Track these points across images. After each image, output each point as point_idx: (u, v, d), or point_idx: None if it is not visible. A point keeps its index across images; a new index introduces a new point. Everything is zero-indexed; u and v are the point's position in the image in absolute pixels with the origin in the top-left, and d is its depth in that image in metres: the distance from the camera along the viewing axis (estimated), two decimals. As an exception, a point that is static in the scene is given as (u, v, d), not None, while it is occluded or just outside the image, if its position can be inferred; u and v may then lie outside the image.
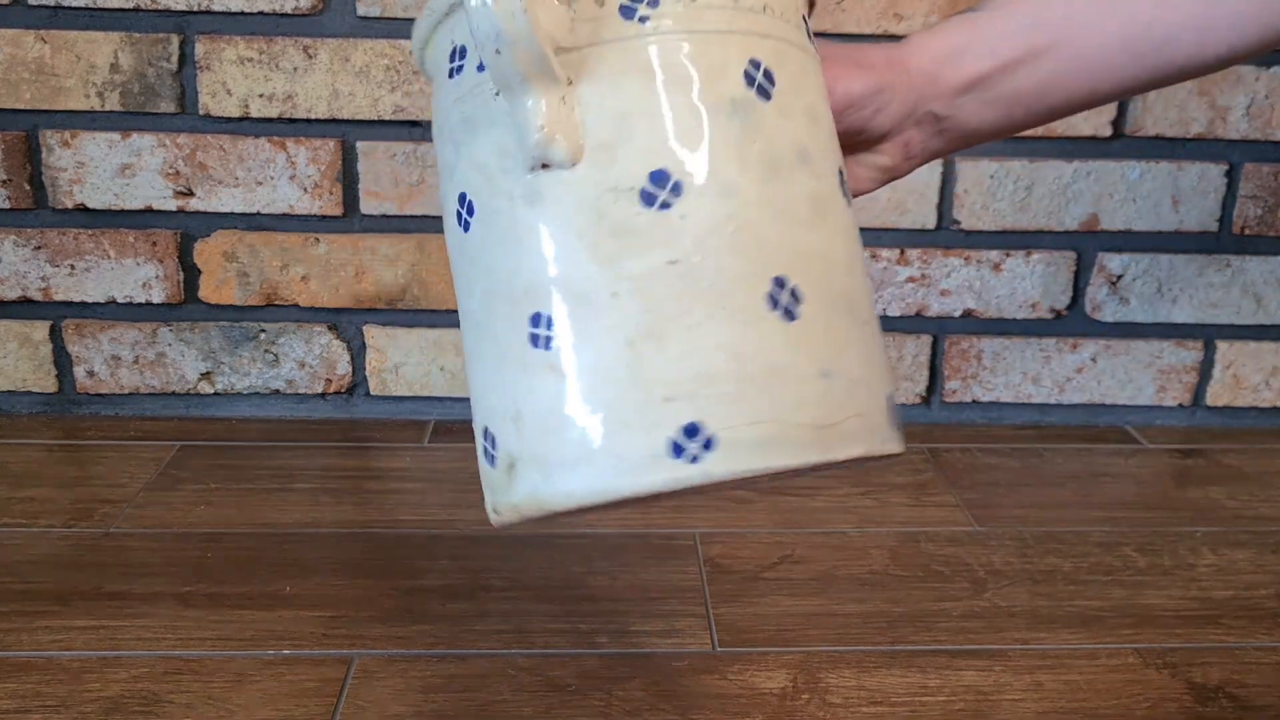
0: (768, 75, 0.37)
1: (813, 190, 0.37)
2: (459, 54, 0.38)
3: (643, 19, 0.36)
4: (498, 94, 0.36)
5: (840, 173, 0.39)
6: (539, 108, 0.35)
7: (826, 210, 0.37)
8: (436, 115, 0.40)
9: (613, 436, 0.34)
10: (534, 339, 0.36)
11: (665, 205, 0.35)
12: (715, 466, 0.34)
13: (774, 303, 0.35)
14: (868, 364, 0.37)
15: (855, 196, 0.47)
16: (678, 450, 0.34)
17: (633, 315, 0.34)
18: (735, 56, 0.36)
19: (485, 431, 0.38)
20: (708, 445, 0.34)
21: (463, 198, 0.38)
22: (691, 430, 0.34)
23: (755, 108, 0.36)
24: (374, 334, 0.91)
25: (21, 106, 0.84)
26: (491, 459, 0.38)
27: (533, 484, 0.36)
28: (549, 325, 0.35)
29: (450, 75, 0.39)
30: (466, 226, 0.38)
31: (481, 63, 0.37)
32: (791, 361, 0.35)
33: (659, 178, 0.35)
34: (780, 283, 0.35)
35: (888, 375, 0.39)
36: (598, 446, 0.34)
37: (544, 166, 0.36)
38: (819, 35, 0.86)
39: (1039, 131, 0.89)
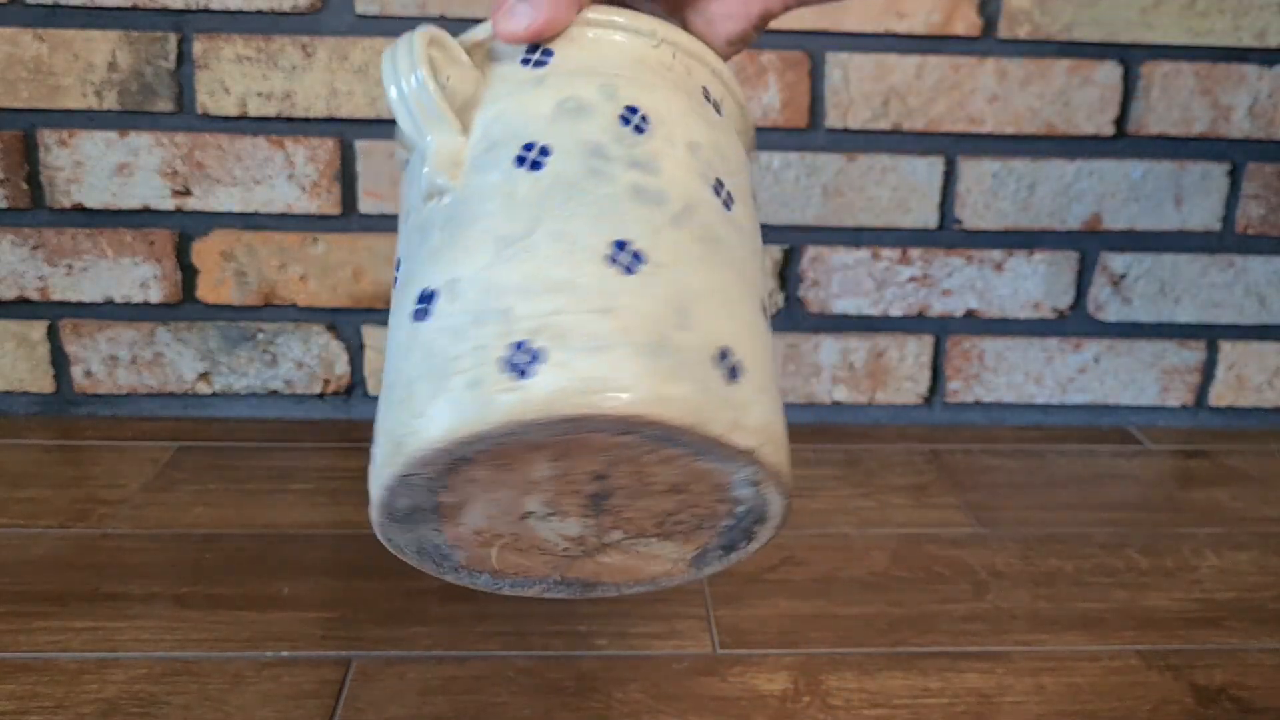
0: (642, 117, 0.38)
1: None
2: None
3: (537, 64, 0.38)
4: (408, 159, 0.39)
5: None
6: (432, 147, 0.37)
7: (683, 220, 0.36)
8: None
9: None
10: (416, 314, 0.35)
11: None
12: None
13: (612, 260, 0.34)
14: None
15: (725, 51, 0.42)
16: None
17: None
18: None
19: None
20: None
21: (398, 262, 0.39)
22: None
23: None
24: (373, 334, 0.91)
25: (19, 105, 0.84)
26: None
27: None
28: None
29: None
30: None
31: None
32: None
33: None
34: (621, 245, 0.34)
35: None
36: None
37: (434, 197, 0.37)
38: (819, 33, 0.86)
39: (1041, 130, 0.88)
